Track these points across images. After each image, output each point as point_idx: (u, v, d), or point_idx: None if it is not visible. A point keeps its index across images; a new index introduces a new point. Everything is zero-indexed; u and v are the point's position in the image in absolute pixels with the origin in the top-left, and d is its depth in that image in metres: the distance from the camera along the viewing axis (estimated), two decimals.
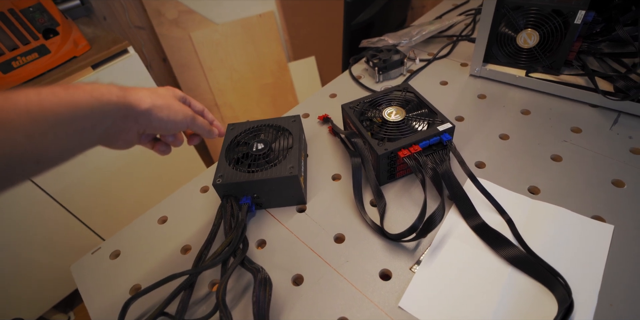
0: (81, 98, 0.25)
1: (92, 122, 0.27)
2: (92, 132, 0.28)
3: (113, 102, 0.28)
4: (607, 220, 0.43)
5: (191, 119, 0.35)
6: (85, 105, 0.25)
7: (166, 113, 0.32)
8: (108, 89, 0.28)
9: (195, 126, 0.37)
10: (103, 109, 0.27)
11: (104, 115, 0.28)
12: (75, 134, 0.26)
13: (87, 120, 0.26)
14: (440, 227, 0.45)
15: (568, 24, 0.57)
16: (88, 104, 0.26)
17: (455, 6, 0.97)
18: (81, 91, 0.26)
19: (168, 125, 0.33)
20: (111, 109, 0.28)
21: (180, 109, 0.34)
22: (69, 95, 0.25)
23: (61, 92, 0.25)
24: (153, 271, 0.45)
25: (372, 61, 0.72)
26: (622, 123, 0.55)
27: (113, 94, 0.28)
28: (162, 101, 0.32)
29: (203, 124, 0.38)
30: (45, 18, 0.89)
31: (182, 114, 0.34)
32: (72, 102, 0.25)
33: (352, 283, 0.41)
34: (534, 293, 0.37)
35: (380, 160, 0.47)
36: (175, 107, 0.34)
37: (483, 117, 0.60)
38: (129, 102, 0.29)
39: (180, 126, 0.35)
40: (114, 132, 0.30)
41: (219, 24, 1.40)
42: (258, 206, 0.51)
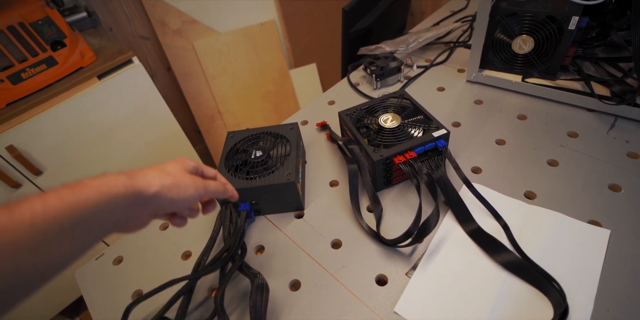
0: (88, 196, 0.25)
1: (100, 219, 0.26)
2: (101, 228, 0.27)
3: (121, 193, 0.27)
4: (603, 225, 0.43)
5: (203, 190, 0.34)
6: (92, 204, 0.25)
7: (176, 192, 0.31)
8: (115, 179, 0.27)
9: (209, 193, 0.35)
10: (111, 203, 0.26)
11: (113, 209, 0.27)
12: (82, 235, 0.25)
13: (94, 219, 0.26)
14: (436, 232, 0.45)
15: (562, 29, 0.58)
16: (95, 202, 0.25)
17: (452, 13, 0.98)
18: (88, 189, 0.25)
19: (179, 203, 0.32)
20: (119, 200, 0.27)
21: (191, 183, 0.33)
22: (75, 196, 0.24)
23: (67, 195, 0.24)
24: (154, 276, 0.46)
25: (369, 68, 0.74)
26: (619, 127, 0.55)
27: (120, 184, 0.27)
28: (170, 180, 0.31)
29: (217, 188, 0.36)
30: (53, 31, 0.92)
31: (192, 188, 0.33)
32: (79, 203, 0.24)
33: (348, 288, 0.41)
34: (529, 298, 0.37)
35: (376, 166, 0.48)
36: (186, 182, 0.33)
37: (480, 123, 0.61)
38: (136, 190, 0.28)
39: (192, 201, 0.33)
40: (124, 221, 0.29)
41: (222, 33, 1.43)
42: (257, 212, 0.52)
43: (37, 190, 0.96)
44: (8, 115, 0.85)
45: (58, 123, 0.94)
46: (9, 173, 0.89)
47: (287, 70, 1.59)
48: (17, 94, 0.88)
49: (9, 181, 0.89)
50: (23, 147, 0.90)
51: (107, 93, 0.99)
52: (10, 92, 0.87)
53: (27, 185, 0.94)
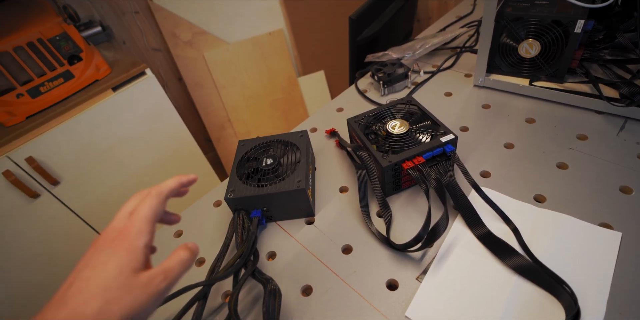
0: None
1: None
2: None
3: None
4: (614, 228, 0.43)
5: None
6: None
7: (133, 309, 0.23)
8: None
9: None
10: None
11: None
12: None
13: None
14: (445, 236, 0.46)
15: (568, 33, 0.58)
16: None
17: (458, 18, 0.98)
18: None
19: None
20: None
21: (148, 294, 0.24)
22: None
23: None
24: None
25: (376, 75, 0.75)
26: (629, 129, 0.55)
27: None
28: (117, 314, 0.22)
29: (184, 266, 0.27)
30: (70, 45, 0.96)
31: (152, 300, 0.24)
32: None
33: (359, 293, 0.42)
34: (540, 301, 0.37)
35: (385, 172, 0.49)
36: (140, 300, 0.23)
37: (488, 127, 0.61)
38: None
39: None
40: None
41: (231, 43, 1.46)
42: (268, 219, 0.53)
43: (54, 200, 0.99)
44: (28, 127, 0.89)
45: (75, 134, 0.97)
46: (28, 183, 0.92)
47: (295, 78, 1.61)
48: (36, 107, 0.91)
49: (28, 191, 0.92)
50: (41, 158, 0.93)
51: (121, 104, 1.02)
52: (29, 106, 0.91)
53: (45, 195, 0.97)
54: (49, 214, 0.99)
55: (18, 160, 0.89)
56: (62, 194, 1.00)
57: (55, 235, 1.01)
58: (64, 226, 1.03)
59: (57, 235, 1.02)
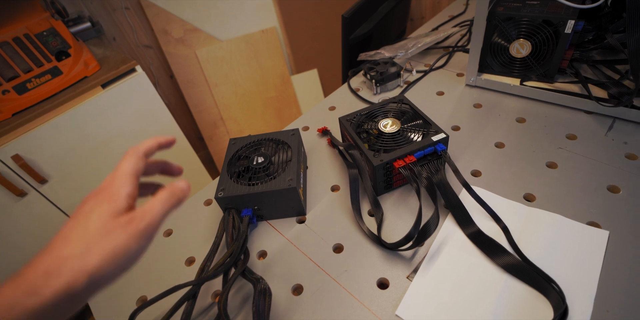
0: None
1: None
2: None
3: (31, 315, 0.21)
4: (602, 226, 0.43)
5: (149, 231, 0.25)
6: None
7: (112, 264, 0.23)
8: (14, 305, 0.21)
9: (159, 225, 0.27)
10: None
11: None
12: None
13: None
14: (436, 235, 0.46)
15: (559, 33, 0.58)
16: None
17: (451, 17, 0.99)
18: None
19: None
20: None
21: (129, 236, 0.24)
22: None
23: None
24: (159, 282, 0.47)
25: (369, 74, 0.74)
26: (617, 129, 0.56)
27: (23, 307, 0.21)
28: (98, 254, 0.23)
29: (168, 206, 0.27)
30: (57, 41, 0.94)
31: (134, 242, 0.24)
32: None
33: (350, 292, 0.42)
34: (529, 299, 0.38)
35: (377, 171, 0.49)
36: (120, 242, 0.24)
37: (479, 126, 0.61)
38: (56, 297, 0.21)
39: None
40: None
41: (223, 41, 1.45)
42: (259, 218, 0.52)
43: (42, 199, 0.97)
44: (14, 124, 0.87)
45: (63, 132, 0.95)
46: (15, 182, 0.90)
47: (288, 77, 1.61)
48: (23, 103, 0.90)
49: (15, 190, 0.90)
50: (28, 156, 0.91)
51: (111, 102, 1.01)
52: (16, 102, 0.89)
53: (32, 194, 0.95)
54: (36, 212, 0.97)
55: (4, 158, 0.87)
56: (50, 193, 0.98)
57: (42, 235, 1.00)
58: (52, 225, 1.01)
59: (45, 234, 1.00)
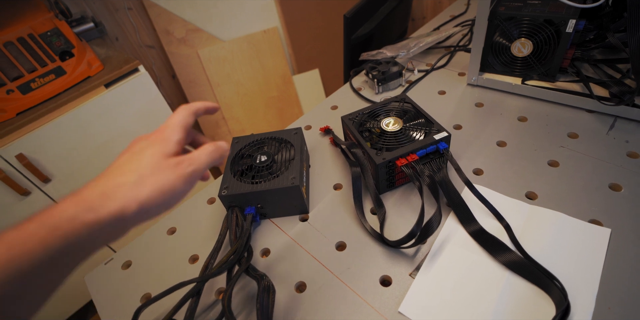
0: (32, 251, 0.21)
1: (55, 267, 0.22)
2: (63, 269, 0.23)
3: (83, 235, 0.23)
4: (604, 224, 0.43)
5: (193, 176, 0.28)
6: (37, 258, 0.21)
7: (160, 199, 0.26)
8: (72, 219, 0.22)
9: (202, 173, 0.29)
10: (68, 248, 0.22)
11: (72, 251, 0.22)
12: (36, 286, 0.22)
13: (42, 273, 0.21)
14: (438, 233, 0.46)
15: (560, 32, 0.58)
16: (41, 255, 0.21)
17: (452, 17, 0.99)
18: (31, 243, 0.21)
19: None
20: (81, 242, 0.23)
21: (176, 178, 0.27)
22: (15, 250, 0.20)
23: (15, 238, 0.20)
24: (162, 280, 0.47)
25: (371, 73, 0.75)
26: (618, 128, 0.56)
27: (79, 224, 0.22)
28: (149, 187, 0.25)
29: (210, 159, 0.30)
30: (61, 41, 0.95)
31: (180, 182, 0.27)
32: (22, 258, 0.20)
33: (353, 289, 0.42)
34: (532, 296, 0.38)
35: (379, 169, 0.49)
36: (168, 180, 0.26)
37: (481, 125, 0.62)
38: (108, 220, 0.23)
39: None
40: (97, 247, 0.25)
41: (225, 41, 1.45)
42: (262, 216, 0.53)
43: (45, 198, 0.98)
44: (18, 124, 0.87)
45: (66, 131, 0.96)
46: (19, 181, 0.91)
47: (290, 77, 1.61)
48: (27, 103, 0.90)
49: (19, 189, 0.90)
50: (32, 155, 0.92)
51: (114, 101, 1.01)
52: (20, 102, 0.89)
53: (36, 193, 0.96)
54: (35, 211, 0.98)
55: (8, 157, 0.88)
56: (53, 192, 0.99)
57: None
58: None
59: None
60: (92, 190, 0.24)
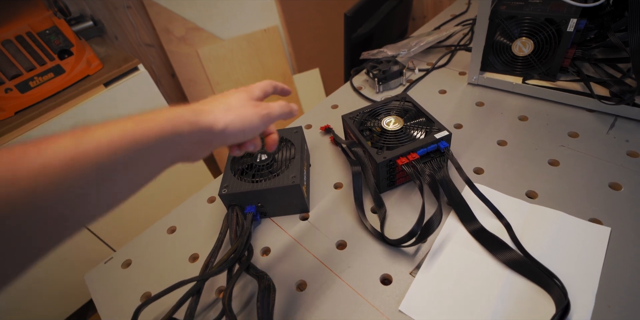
0: (151, 132, 0.25)
1: (161, 154, 0.26)
2: (162, 162, 0.27)
3: (186, 131, 0.27)
4: (604, 223, 0.43)
5: (268, 118, 0.34)
6: (153, 140, 0.25)
7: (240, 126, 0.31)
8: (181, 116, 0.27)
9: (274, 118, 0.35)
10: (173, 139, 0.26)
11: (174, 145, 0.27)
12: (143, 167, 0.25)
13: (155, 154, 0.26)
14: (439, 232, 0.46)
15: (561, 31, 0.58)
16: (156, 137, 0.25)
17: (453, 16, 0.99)
18: (152, 123, 0.25)
19: (246, 135, 0.33)
20: (183, 138, 0.27)
21: (254, 113, 0.33)
22: (138, 130, 0.24)
23: (130, 128, 0.24)
24: (163, 279, 0.47)
25: (372, 72, 0.75)
26: (618, 127, 0.56)
27: (185, 121, 0.27)
28: (234, 114, 0.31)
29: (281, 110, 0.35)
30: (60, 40, 0.95)
31: (257, 118, 0.33)
32: (142, 137, 0.24)
33: (353, 288, 0.42)
34: (532, 295, 0.38)
35: (380, 168, 0.49)
36: (250, 115, 0.32)
37: (481, 124, 0.62)
38: (201, 128, 0.28)
39: (258, 131, 0.34)
40: (186, 155, 0.29)
41: (225, 40, 1.45)
42: (262, 215, 0.53)
43: None
44: (17, 123, 0.87)
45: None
46: None
47: (290, 76, 1.61)
48: (26, 102, 0.90)
49: None
50: None
51: (113, 100, 1.01)
52: (18, 101, 0.89)
53: None
54: None
55: None
56: None
57: None
58: None
59: None
60: (192, 106, 0.30)
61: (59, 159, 0.20)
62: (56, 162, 0.20)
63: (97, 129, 0.23)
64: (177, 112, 0.27)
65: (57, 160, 0.20)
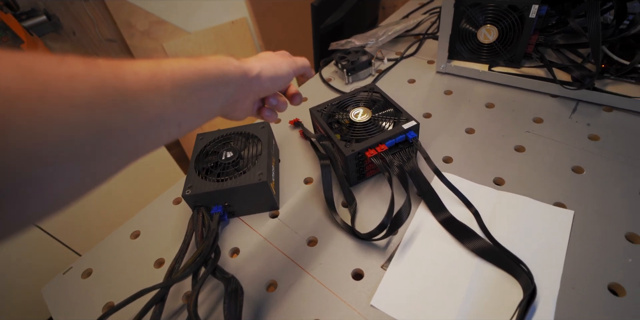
0: (210, 68, 0.28)
1: (218, 90, 0.30)
2: (217, 100, 0.30)
3: (233, 71, 0.31)
4: (568, 206, 0.44)
5: (295, 65, 0.39)
6: (212, 75, 0.29)
7: (273, 71, 0.36)
8: (227, 59, 0.31)
9: (300, 67, 0.40)
10: (225, 79, 0.30)
11: (227, 84, 0.31)
12: (206, 101, 0.29)
13: (214, 89, 0.29)
14: (409, 223, 0.46)
15: (524, 18, 0.59)
16: (214, 74, 0.29)
17: (421, 5, 0.98)
18: (209, 62, 0.29)
19: (278, 81, 0.37)
20: (231, 78, 0.31)
21: (284, 61, 0.38)
22: (200, 65, 0.28)
23: (195, 63, 0.27)
24: (126, 287, 0.45)
25: (340, 63, 0.73)
26: (580, 111, 0.57)
27: (232, 64, 0.31)
28: (266, 61, 0.36)
29: (304, 62, 0.41)
30: (8, 36, 0.88)
31: (286, 64, 0.38)
32: (204, 71, 0.28)
33: (325, 285, 0.41)
34: (500, 281, 0.38)
35: (349, 161, 0.48)
36: (279, 61, 0.37)
37: (450, 113, 0.62)
38: (243, 70, 0.32)
39: (288, 77, 0.38)
40: (233, 100, 0.33)
41: (192, 33, 1.40)
42: (230, 214, 0.51)
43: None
44: None
45: None
46: None
47: None
48: None
49: None
50: None
51: None
52: None
53: None
54: None
55: None
56: None
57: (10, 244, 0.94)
58: None
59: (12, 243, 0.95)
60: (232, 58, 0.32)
61: (145, 70, 0.23)
62: (145, 72, 0.23)
63: (171, 61, 0.26)
64: (224, 58, 0.31)
65: (146, 70, 0.23)
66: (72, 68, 0.19)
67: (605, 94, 0.56)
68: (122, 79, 0.21)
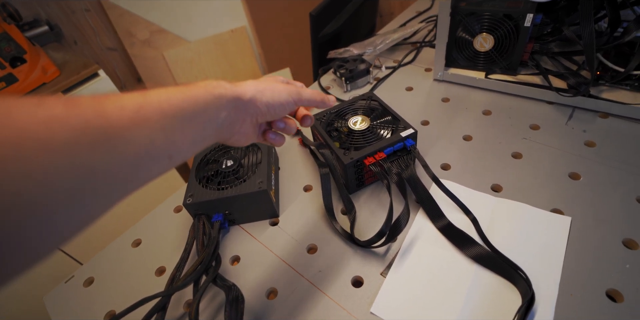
0: (200, 93, 0.27)
1: (210, 115, 0.29)
2: (211, 125, 0.29)
3: (224, 94, 0.30)
4: (565, 213, 0.45)
5: (297, 94, 0.36)
6: (202, 100, 0.27)
7: (270, 95, 0.34)
8: (219, 83, 0.30)
9: (304, 100, 0.37)
10: (217, 103, 0.29)
11: (219, 108, 0.29)
12: (198, 128, 0.27)
13: (205, 114, 0.28)
14: (408, 230, 0.46)
15: (519, 26, 0.60)
16: (205, 99, 0.28)
17: (418, 13, 1.00)
18: (198, 88, 0.28)
19: (276, 107, 0.34)
20: (223, 101, 0.30)
21: (284, 88, 0.35)
22: (189, 91, 0.27)
23: (184, 90, 0.27)
24: (128, 295, 0.45)
25: (339, 71, 0.74)
26: (576, 118, 0.58)
27: (223, 87, 0.30)
28: (264, 85, 0.34)
29: (312, 95, 0.38)
30: (11, 47, 0.89)
31: (285, 92, 0.35)
32: (193, 98, 0.27)
33: (325, 292, 0.42)
34: (499, 288, 0.39)
35: (347, 169, 0.49)
36: (278, 88, 0.35)
37: (447, 120, 0.62)
38: (237, 94, 0.31)
39: (287, 106, 0.35)
40: (228, 123, 0.31)
41: (192, 42, 1.41)
42: (231, 222, 0.51)
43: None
44: None
45: None
46: None
47: (260, 76, 1.59)
48: None
49: None
50: None
51: None
52: None
53: None
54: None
55: None
56: None
57: None
58: None
59: None
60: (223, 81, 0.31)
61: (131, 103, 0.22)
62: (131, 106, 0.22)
63: (158, 90, 0.25)
64: (215, 82, 0.30)
65: (131, 104, 0.22)
66: (51, 110, 0.18)
67: (601, 101, 0.56)
68: (104, 116, 0.20)
